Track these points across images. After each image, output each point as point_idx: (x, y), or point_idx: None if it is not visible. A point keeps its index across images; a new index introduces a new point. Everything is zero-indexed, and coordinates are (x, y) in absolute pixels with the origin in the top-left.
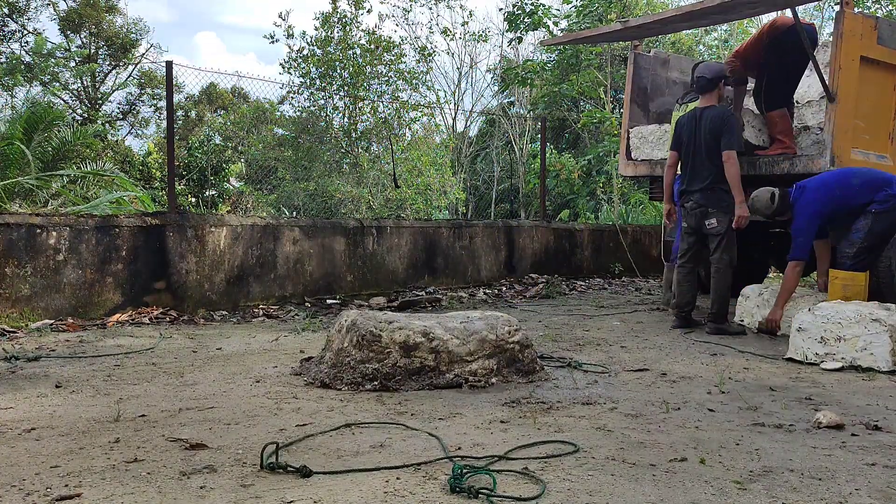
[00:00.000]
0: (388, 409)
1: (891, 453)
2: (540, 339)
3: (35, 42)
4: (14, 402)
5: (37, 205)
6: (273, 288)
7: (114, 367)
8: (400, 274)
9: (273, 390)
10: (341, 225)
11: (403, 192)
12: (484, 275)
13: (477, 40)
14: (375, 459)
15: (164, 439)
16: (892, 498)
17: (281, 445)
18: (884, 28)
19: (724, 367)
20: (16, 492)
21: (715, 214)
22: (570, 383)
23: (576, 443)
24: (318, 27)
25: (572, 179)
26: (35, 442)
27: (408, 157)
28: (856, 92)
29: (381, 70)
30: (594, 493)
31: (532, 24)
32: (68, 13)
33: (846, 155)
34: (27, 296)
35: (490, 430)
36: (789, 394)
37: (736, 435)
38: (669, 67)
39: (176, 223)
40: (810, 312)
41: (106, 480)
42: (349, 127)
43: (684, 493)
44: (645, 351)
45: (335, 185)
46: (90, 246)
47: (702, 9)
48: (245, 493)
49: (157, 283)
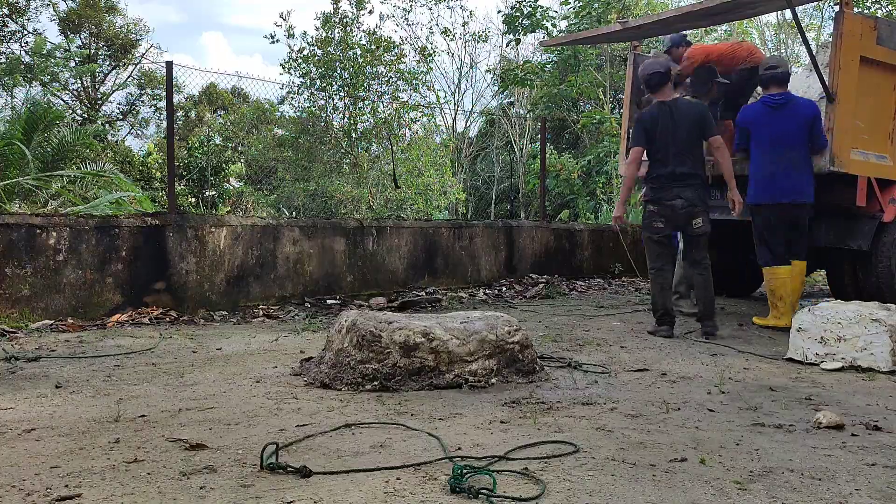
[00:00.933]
0: (388, 410)
1: (891, 453)
2: (540, 339)
3: (35, 42)
4: (14, 403)
5: (37, 205)
6: (273, 288)
7: (114, 368)
8: (400, 274)
9: (273, 390)
10: (341, 225)
11: (403, 192)
12: (484, 275)
13: (477, 41)
14: (375, 460)
15: (164, 439)
16: (892, 498)
17: (281, 446)
18: (883, 28)
19: (724, 367)
20: (16, 492)
21: (701, 213)
22: (570, 383)
23: (576, 443)
24: (319, 27)
25: (572, 179)
26: (35, 442)
27: (408, 158)
28: (855, 92)
29: (382, 70)
30: (594, 493)
31: (530, 26)
32: (68, 13)
33: (846, 155)
34: (27, 296)
35: (490, 431)
36: (789, 394)
37: (736, 435)
38: None
39: (176, 223)
40: (810, 312)
41: (106, 481)
42: (349, 127)
43: (684, 494)
44: (645, 351)
45: (335, 185)
46: (90, 246)
47: (702, 9)
48: (245, 494)
49: (156, 284)
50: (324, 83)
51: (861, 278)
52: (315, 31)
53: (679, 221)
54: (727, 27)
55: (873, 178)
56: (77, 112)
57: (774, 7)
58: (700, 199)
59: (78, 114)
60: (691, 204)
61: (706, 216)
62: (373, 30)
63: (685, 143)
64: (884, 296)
